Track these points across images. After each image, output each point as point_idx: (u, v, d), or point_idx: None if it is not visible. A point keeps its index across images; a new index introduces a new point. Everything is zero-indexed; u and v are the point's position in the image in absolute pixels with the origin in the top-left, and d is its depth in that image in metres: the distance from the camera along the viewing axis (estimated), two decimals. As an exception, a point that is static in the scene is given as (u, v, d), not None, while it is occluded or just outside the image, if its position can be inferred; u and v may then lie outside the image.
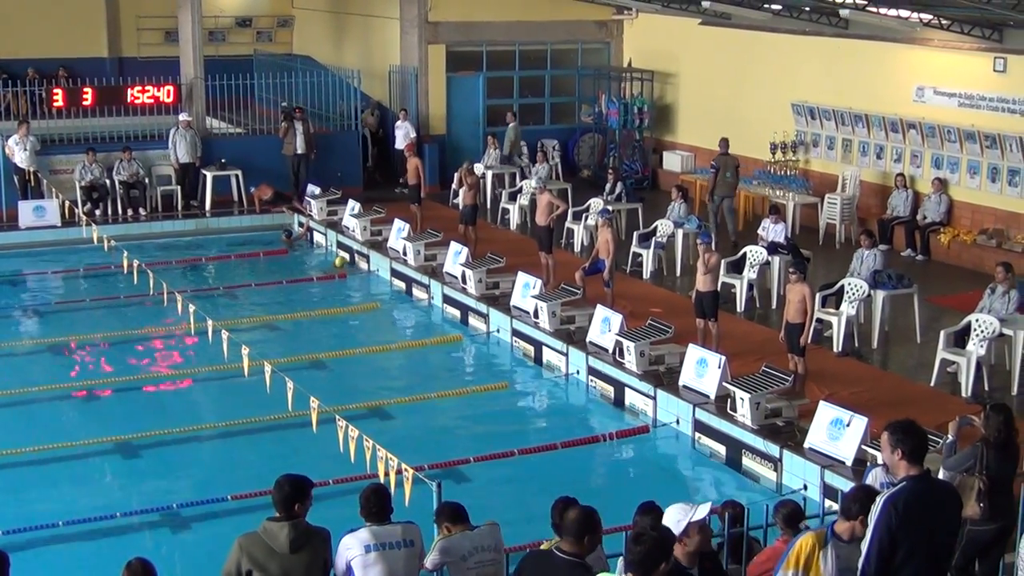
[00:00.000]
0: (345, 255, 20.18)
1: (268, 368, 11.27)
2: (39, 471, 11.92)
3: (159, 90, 23.29)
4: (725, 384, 12.34)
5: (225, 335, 12.51)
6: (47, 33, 27.66)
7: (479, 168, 22.02)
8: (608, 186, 20.46)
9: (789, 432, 11.74)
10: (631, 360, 13.54)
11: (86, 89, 23.03)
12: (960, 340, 13.06)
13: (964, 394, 12.66)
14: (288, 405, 10.99)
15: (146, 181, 21.90)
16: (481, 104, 25.00)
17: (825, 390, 12.60)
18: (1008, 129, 17.44)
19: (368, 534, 6.87)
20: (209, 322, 13.43)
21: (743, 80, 22.32)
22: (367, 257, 19.69)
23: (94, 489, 11.55)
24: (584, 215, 19.44)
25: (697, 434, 12.50)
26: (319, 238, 21.40)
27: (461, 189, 19.32)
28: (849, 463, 10.78)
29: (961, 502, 7.08)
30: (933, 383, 13.05)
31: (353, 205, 20.58)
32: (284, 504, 6.50)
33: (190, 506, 10.97)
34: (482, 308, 16.39)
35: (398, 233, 18.97)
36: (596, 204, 19.57)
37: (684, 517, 5.97)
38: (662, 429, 12.93)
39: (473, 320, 16.61)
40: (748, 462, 11.81)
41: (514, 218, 21.22)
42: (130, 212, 21.55)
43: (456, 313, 17.02)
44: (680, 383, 12.96)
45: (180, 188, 22.16)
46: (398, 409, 13.52)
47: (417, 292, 18.10)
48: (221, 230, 21.84)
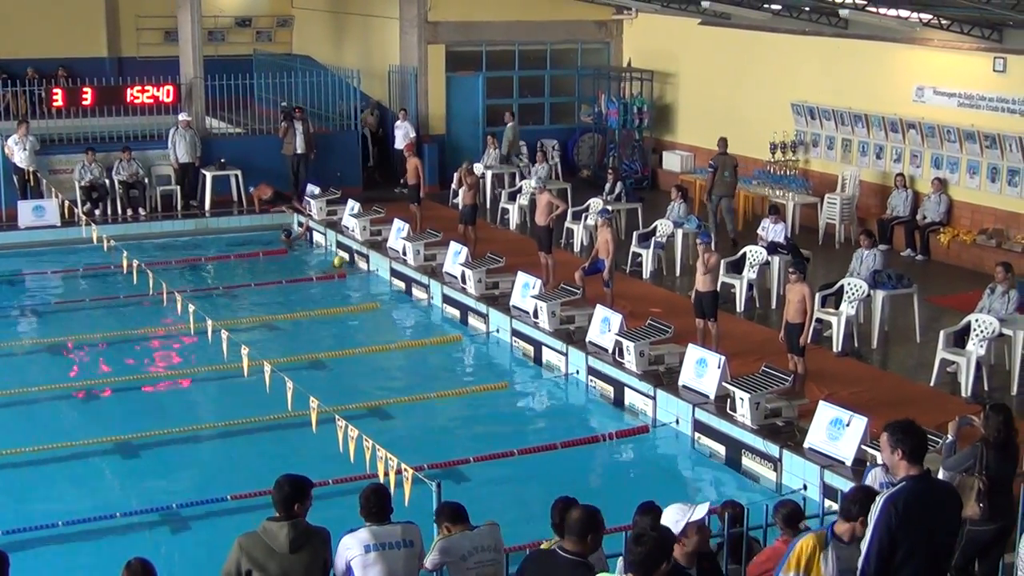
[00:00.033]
0: (345, 255, 20.16)
1: (268, 368, 11.28)
2: (39, 471, 11.91)
3: (159, 90, 23.26)
4: (725, 384, 12.34)
5: (224, 335, 12.52)
6: (47, 33, 27.64)
7: (479, 168, 22.01)
8: (608, 186, 20.44)
9: (789, 432, 11.74)
10: (631, 360, 13.53)
11: (85, 89, 22.99)
12: (960, 340, 13.06)
13: (964, 394, 12.65)
14: (288, 405, 11.01)
15: (145, 181, 21.88)
16: (481, 104, 24.98)
17: (825, 390, 12.59)
18: (1008, 129, 17.43)
19: (368, 534, 6.87)
20: (208, 322, 13.44)
21: (743, 80, 22.31)
22: (367, 257, 19.68)
23: (94, 489, 11.53)
24: (584, 215, 19.43)
25: (697, 434, 12.50)
26: (319, 238, 21.39)
27: (461, 189, 19.32)
28: (849, 463, 10.78)
29: (961, 502, 7.07)
30: (933, 383, 13.05)
31: (353, 205, 20.57)
32: (284, 504, 6.51)
33: (190, 506, 10.96)
34: (482, 308, 16.38)
35: (398, 233, 18.96)
36: (596, 204, 19.55)
37: (682, 517, 5.98)
38: (662, 429, 12.92)
39: (473, 320, 16.60)
40: (748, 462, 11.81)
41: (514, 218, 21.21)
42: (129, 212, 21.54)
43: (456, 313, 17.01)
44: (680, 383, 12.96)
45: (180, 188, 22.14)
46: (398, 409, 13.52)
47: (417, 292, 18.09)
48: (221, 230, 21.83)
